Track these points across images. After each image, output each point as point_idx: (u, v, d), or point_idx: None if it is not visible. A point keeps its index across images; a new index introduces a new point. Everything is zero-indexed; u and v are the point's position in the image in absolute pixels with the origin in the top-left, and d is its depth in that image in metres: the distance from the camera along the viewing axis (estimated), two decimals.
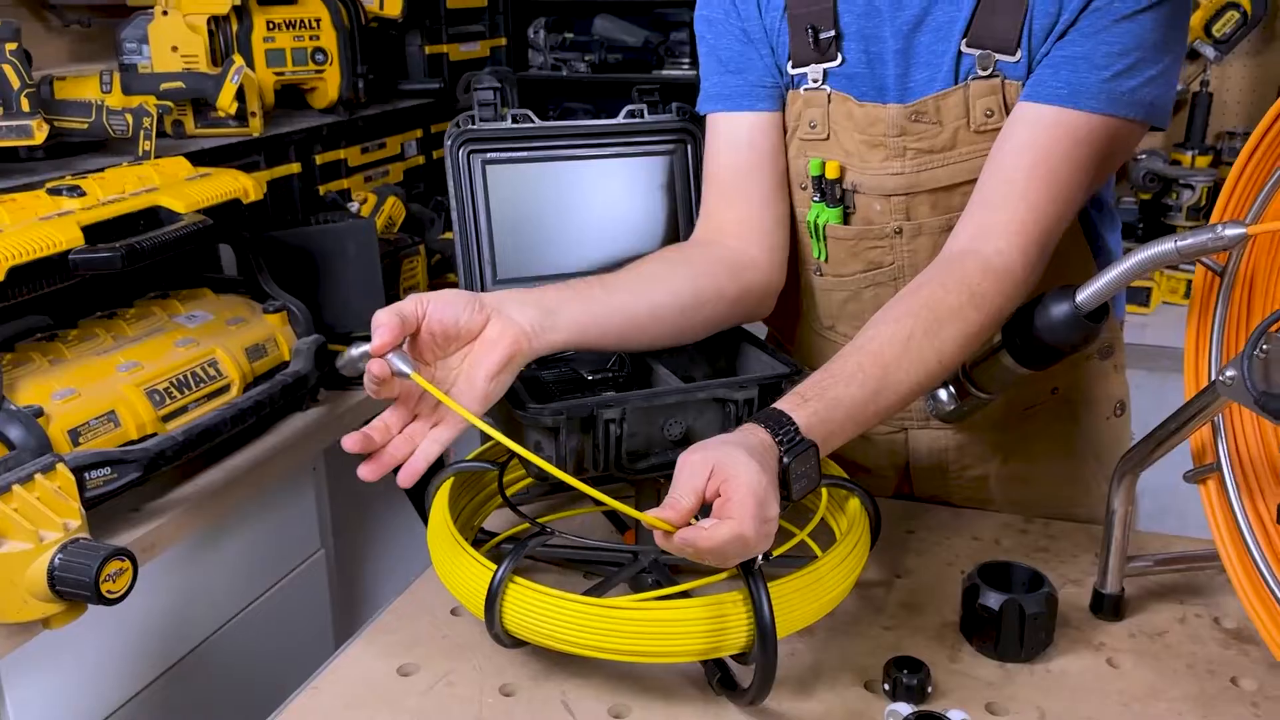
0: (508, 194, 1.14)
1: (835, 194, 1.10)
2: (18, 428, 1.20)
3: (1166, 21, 0.96)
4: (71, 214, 1.32)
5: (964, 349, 0.95)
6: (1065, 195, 0.98)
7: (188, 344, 1.47)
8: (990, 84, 1.01)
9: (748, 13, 1.10)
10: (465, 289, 1.08)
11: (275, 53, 2.00)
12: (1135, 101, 0.97)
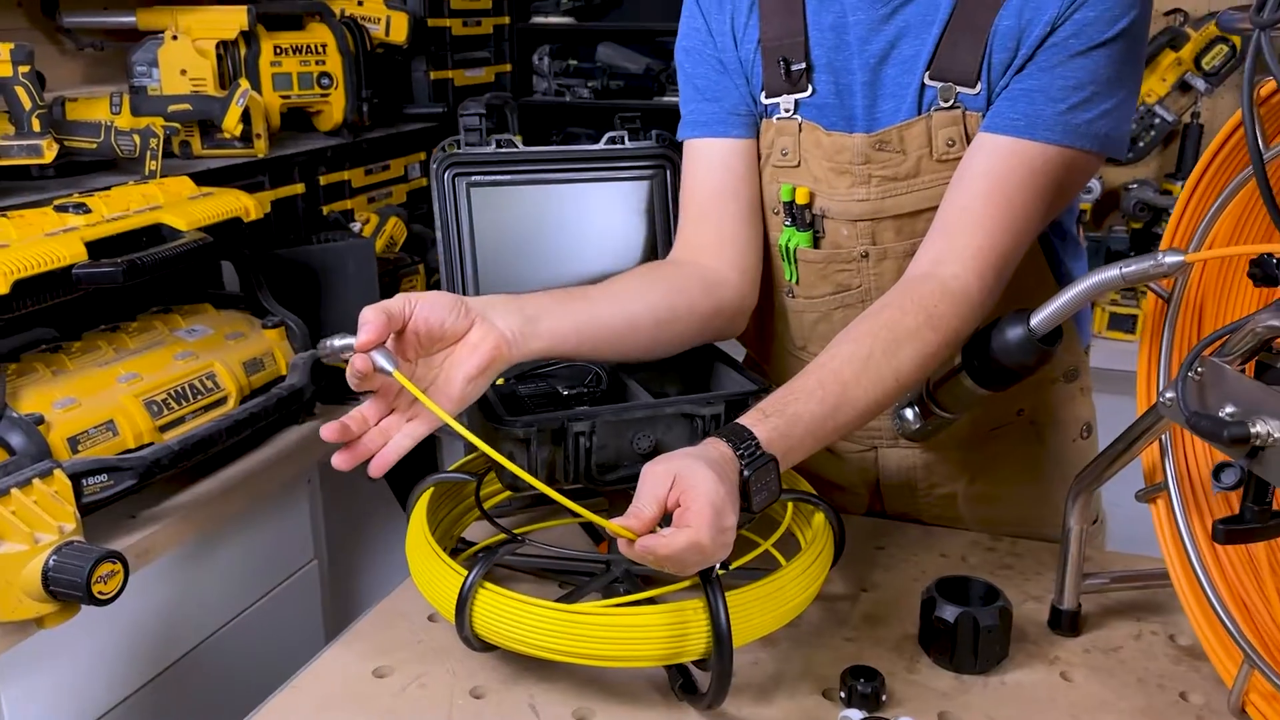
0: (491, 215, 1.18)
1: (805, 219, 1.14)
2: (18, 435, 1.24)
3: (1120, 57, 1.00)
4: (76, 230, 1.37)
5: (921, 369, 0.99)
6: (1021, 222, 1.01)
7: (187, 357, 1.52)
8: (952, 115, 1.05)
9: (724, 44, 1.15)
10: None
11: (282, 76, 2.06)
12: (1090, 133, 1.01)
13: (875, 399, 0.97)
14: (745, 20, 1.14)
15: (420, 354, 0.92)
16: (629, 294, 1.06)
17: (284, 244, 1.90)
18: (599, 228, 1.22)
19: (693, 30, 1.18)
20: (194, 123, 1.87)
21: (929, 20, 1.05)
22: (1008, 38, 1.01)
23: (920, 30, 1.05)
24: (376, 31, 2.31)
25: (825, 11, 1.09)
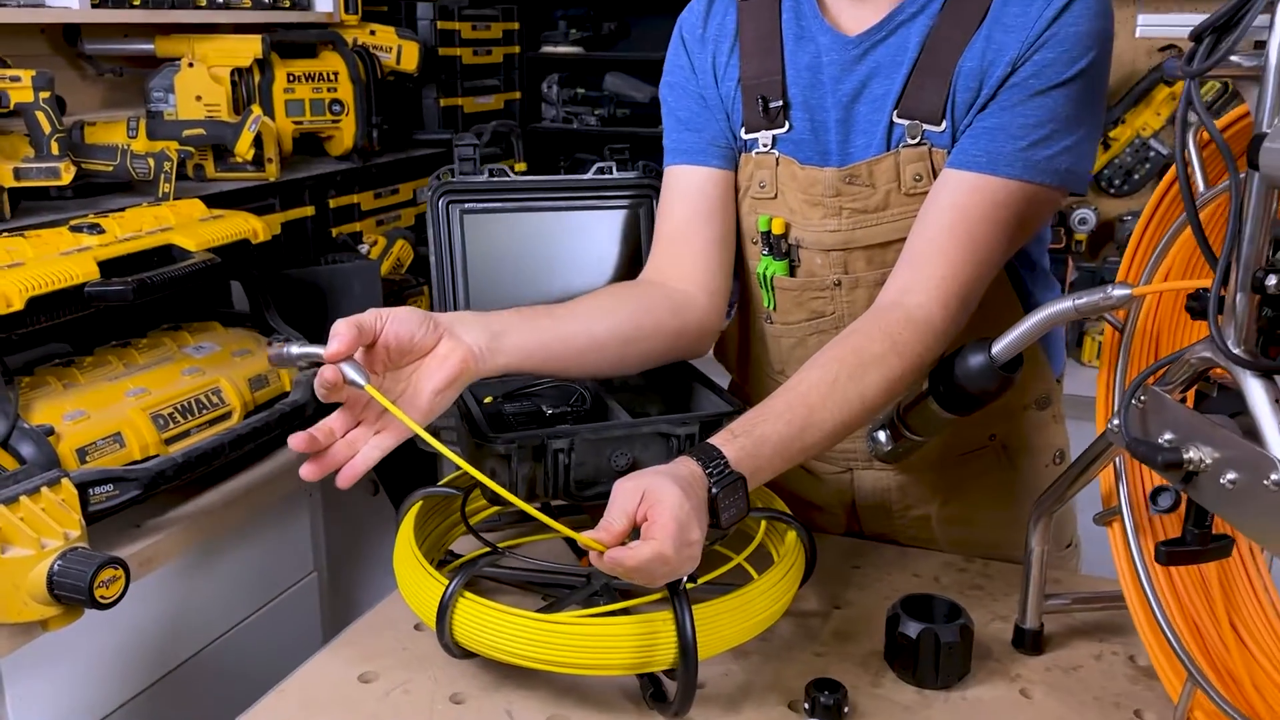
0: (483, 241, 1.23)
1: (781, 248, 1.19)
2: (29, 444, 1.30)
3: (1079, 97, 1.05)
4: (90, 250, 1.43)
5: (886, 393, 1.03)
6: (984, 254, 1.06)
7: (194, 373, 1.57)
8: (919, 151, 1.09)
9: (705, 81, 1.20)
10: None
11: (295, 103, 2.13)
12: (1050, 169, 1.05)
13: (841, 421, 1.01)
14: (726, 59, 1.19)
15: (389, 367, 0.95)
16: (595, 312, 1.10)
17: (293, 264, 1.96)
18: (586, 254, 1.27)
19: (677, 67, 1.24)
20: (208, 146, 1.93)
21: (898, 61, 1.10)
22: (971, 78, 1.06)
23: (890, 71, 1.10)
24: (388, 60, 2.38)
25: (801, 52, 1.15)
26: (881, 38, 1.11)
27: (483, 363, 0.98)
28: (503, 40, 2.79)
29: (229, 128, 1.90)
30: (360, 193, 2.31)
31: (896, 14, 1.10)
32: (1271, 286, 0.72)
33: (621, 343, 1.10)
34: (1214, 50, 0.73)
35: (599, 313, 1.10)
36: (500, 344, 0.99)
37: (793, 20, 1.16)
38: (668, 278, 1.18)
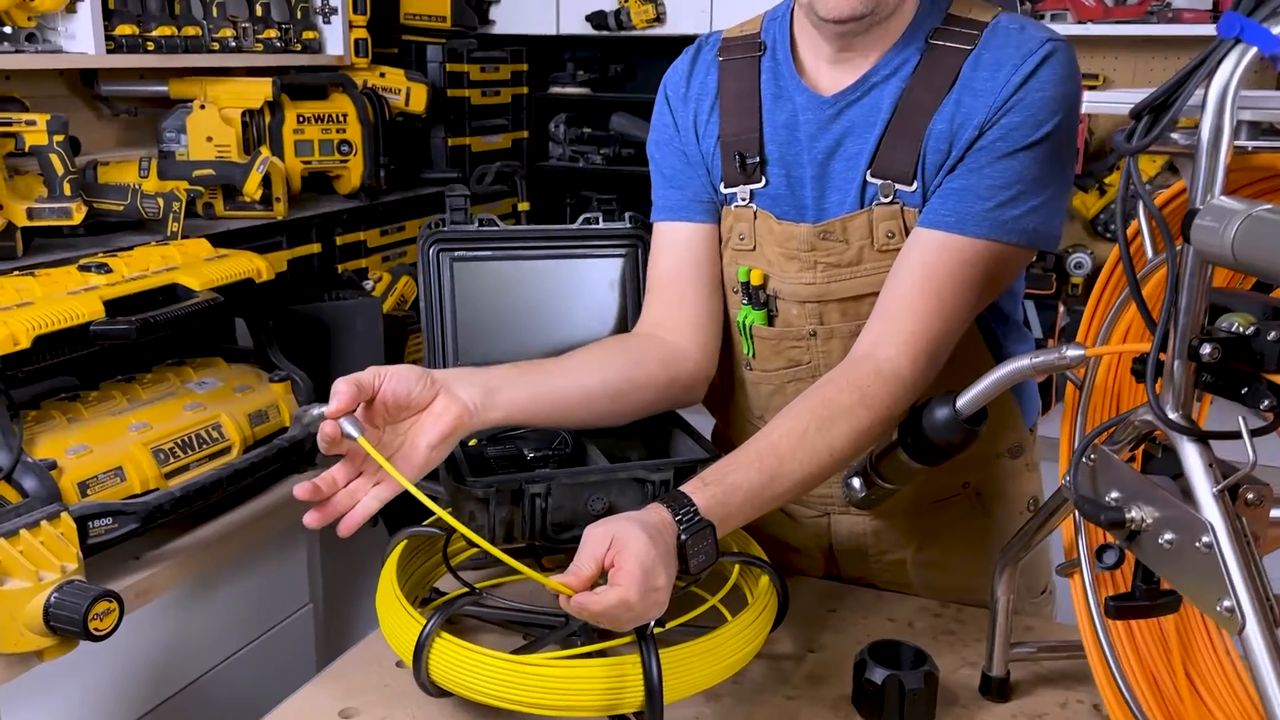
0: (472, 289, 1.27)
1: (760, 298, 1.22)
2: (32, 478, 1.34)
3: (1045, 159, 1.08)
4: (96, 289, 1.48)
5: (854, 444, 1.06)
6: (952, 310, 1.09)
7: (195, 408, 1.62)
8: (891, 209, 1.13)
9: (687, 139, 1.24)
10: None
11: (304, 143, 2.18)
12: (1017, 229, 1.09)
13: (810, 471, 1.04)
14: (707, 118, 1.23)
15: (388, 421, 1.00)
16: (586, 367, 1.14)
17: (298, 300, 2.01)
18: (573, 302, 1.31)
19: (662, 125, 1.28)
20: (217, 186, 1.99)
21: (871, 122, 1.13)
22: (941, 140, 1.10)
23: (863, 130, 1.14)
24: (396, 101, 2.44)
25: (779, 110, 1.19)
26: (856, 98, 1.15)
27: (477, 418, 1.02)
28: (511, 81, 2.85)
29: (238, 168, 1.96)
30: (367, 230, 2.37)
31: (870, 76, 1.14)
32: (1206, 355, 0.75)
33: (612, 396, 1.14)
34: (1152, 128, 0.76)
35: (591, 367, 1.14)
36: (494, 400, 1.03)
37: (771, 80, 1.20)
38: (660, 330, 1.22)
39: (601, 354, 1.18)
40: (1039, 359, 0.96)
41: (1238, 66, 0.72)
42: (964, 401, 1.05)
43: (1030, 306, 2.29)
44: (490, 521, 1.07)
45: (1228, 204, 0.71)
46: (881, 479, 1.17)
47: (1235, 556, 0.72)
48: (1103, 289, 1.00)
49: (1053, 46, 1.09)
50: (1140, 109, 0.77)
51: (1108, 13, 2.43)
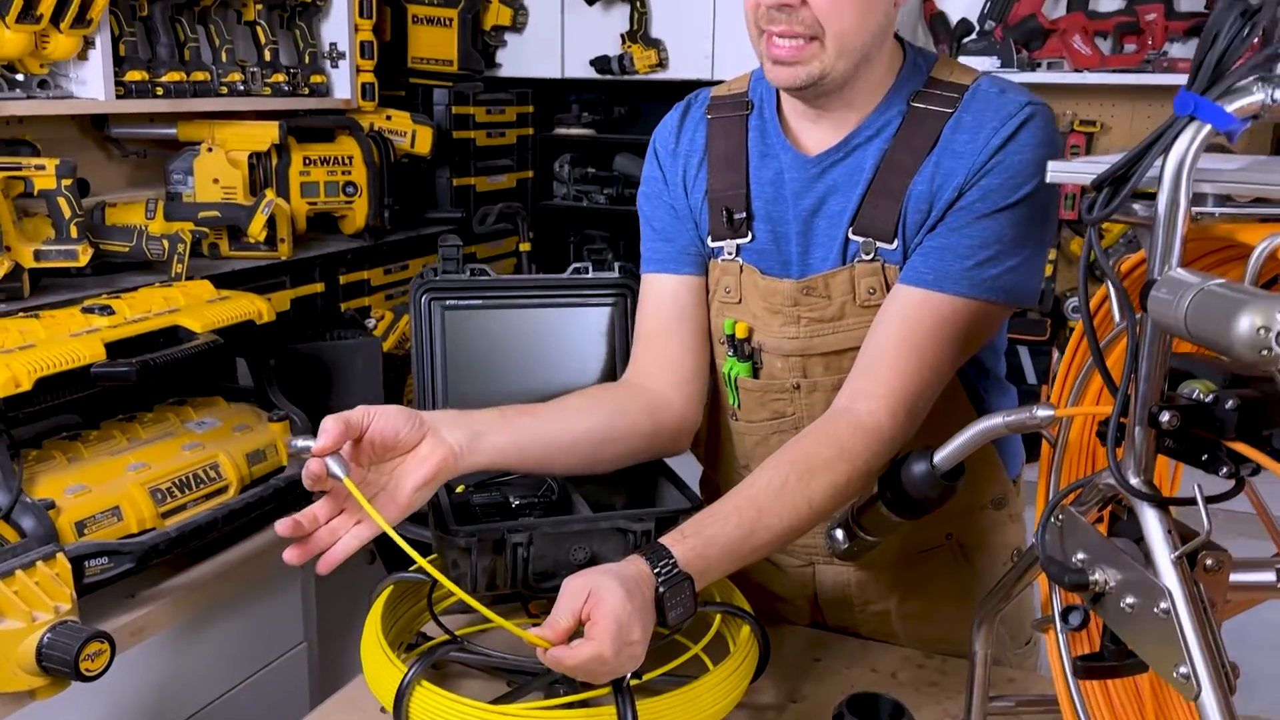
0: (463, 337, 1.30)
1: (745, 351, 1.24)
2: (30, 518, 1.37)
3: (1024, 219, 1.10)
4: (98, 331, 1.51)
5: (833, 498, 1.07)
6: (931, 365, 1.10)
7: (194, 448, 1.64)
8: (872, 266, 1.15)
9: (676, 194, 1.27)
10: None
11: (310, 185, 2.22)
12: (995, 287, 1.10)
13: (789, 524, 1.06)
14: (695, 173, 1.25)
15: (374, 461, 1.02)
16: (571, 414, 1.16)
17: (300, 339, 2.04)
18: (562, 350, 1.33)
19: (652, 179, 1.30)
20: (223, 227, 2.03)
21: (854, 181, 1.16)
22: (921, 201, 1.12)
23: (847, 189, 1.16)
24: (402, 144, 2.48)
25: (765, 168, 1.21)
26: (839, 158, 1.17)
27: (461, 461, 1.04)
28: (516, 123, 2.89)
29: (243, 210, 1.99)
30: (370, 269, 2.40)
31: (853, 137, 1.16)
32: (1165, 422, 0.76)
33: (596, 444, 1.16)
34: (1112, 200, 0.78)
35: (575, 415, 1.16)
36: (479, 444, 1.05)
37: (758, 138, 1.23)
38: (646, 379, 1.24)
39: (586, 402, 1.20)
40: (1011, 418, 0.97)
41: (1192, 143, 0.74)
42: (941, 457, 1.06)
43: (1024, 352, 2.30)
44: (473, 570, 1.09)
45: (1183, 276, 0.72)
46: (863, 531, 1.18)
47: (1192, 623, 0.73)
48: (1075, 349, 1.01)
49: (1031, 110, 1.11)
50: (1101, 180, 0.79)
51: (1104, 61, 2.46)
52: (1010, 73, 2.49)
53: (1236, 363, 0.74)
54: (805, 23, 1.06)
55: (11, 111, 1.75)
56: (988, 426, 1.00)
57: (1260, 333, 0.64)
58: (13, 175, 1.65)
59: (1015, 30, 2.52)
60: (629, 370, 1.28)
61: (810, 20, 1.06)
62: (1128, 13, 2.47)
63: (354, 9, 2.43)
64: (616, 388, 1.26)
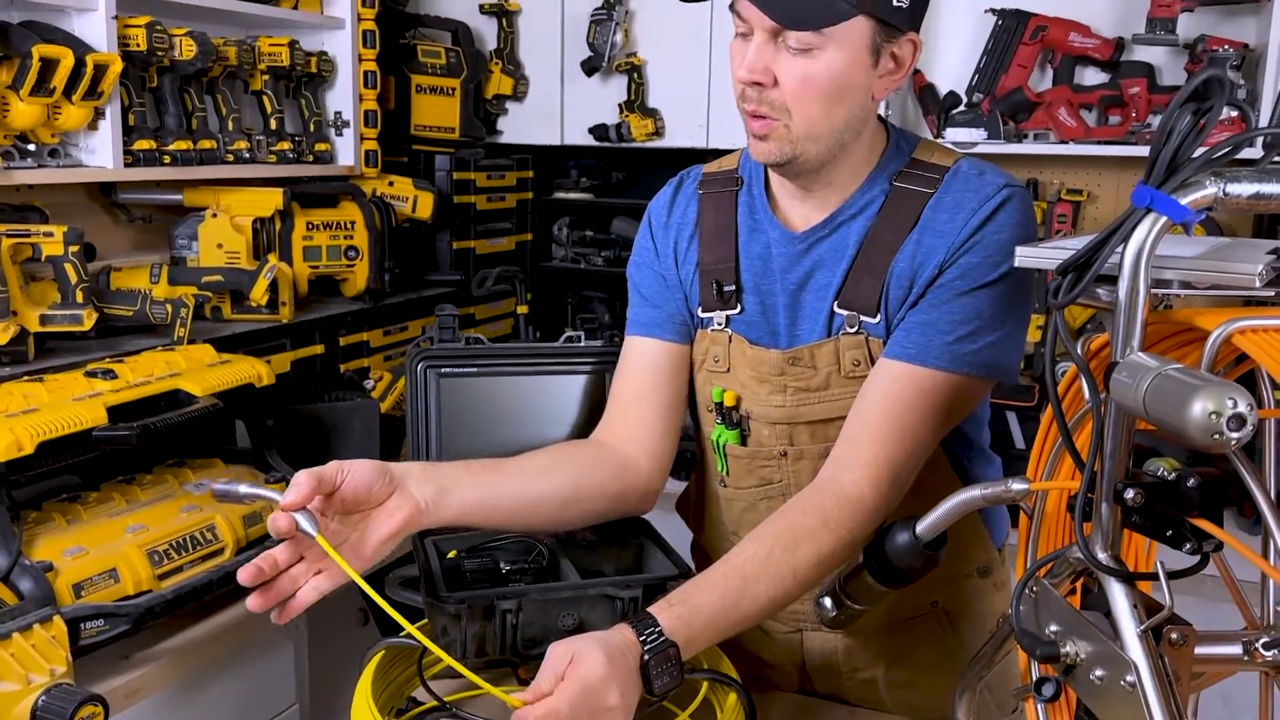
0: (457, 403, 1.33)
1: (733, 419, 1.27)
2: (28, 581, 1.39)
3: (1003, 297, 1.14)
4: (100, 395, 1.55)
5: (818, 567, 1.10)
6: (913, 436, 1.13)
7: (191, 510, 1.66)
8: (856, 339, 1.18)
9: (666, 264, 1.31)
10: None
11: (312, 249, 2.27)
12: (976, 362, 1.14)
13: (774, 594, 1.08)
14: (687, 246, 1.30)
15: (341, 513, 1.04)
16: (540, 472, 1.19)
17: (299, 400, 2.07)
18: (553, 415, 1.37)
19: (644, 249, 1.35)
20: (225, 291, 2.07)
21: (839, 256, 1.20)
22: (903, 277, 1.16)
23: (832, 264, 1.20)
24: (403, 208, 2.54)
25: (754, 243, 1.25)
26: (825, 234, 1.21)
27: (427, 516, 1.07)
28: (516, 187, 2.95)
29: (246, 275, 2.04)
30: (370, 330, 2.44)
31: (838, 214, 1.21)
32: (1129, 499, 0.79)
33: (562, 502, 1.19)
34: (1075, 285, 0.81)
35: (542, 473, 1.19)
36: (445, 499, 1.08)
37: (747, 214, 1.27)
38: (616, 439, 1.27)
39: (555, 460, 1.23)
40: (989, 490, 1.00)
41: (1149, 233, 0.77)
42: (923, 527, 1.08)
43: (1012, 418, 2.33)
44: (463, 636, 1.11)
45: (1143, 361, 0.76)
46: (850, 600, 1.20)
47: (1156, 696, 0.75)
48: (1048, 424, 1.04)
49: (1009, 192, 1.15)
50: (1065, 267, 0.83)
51: (1089, 133, 2.53)
52: (997, 144, 2.55)
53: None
54: (774, 104, 1.11)
55: (24, 180, 1.80)
56: (967, 498, 1.02)
57: (1212, 418, 0.67)
58: (21, 241, 1.70)
59: (1002, 102, 2.59)
60: (601, 428, 1.30)
61: (779, 102, 1.11)
62: (1111, 86, 2.54)
63: (359, 80, 2.50)
64: (586, 446, 1.28)
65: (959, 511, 1.06)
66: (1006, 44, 2.62)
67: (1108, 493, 0.81)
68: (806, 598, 1.24)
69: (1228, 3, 2.42)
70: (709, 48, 2.76)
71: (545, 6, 2.92)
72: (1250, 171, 0.76)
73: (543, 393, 1.36)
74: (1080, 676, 0.83)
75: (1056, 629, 0.87)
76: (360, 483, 1.03)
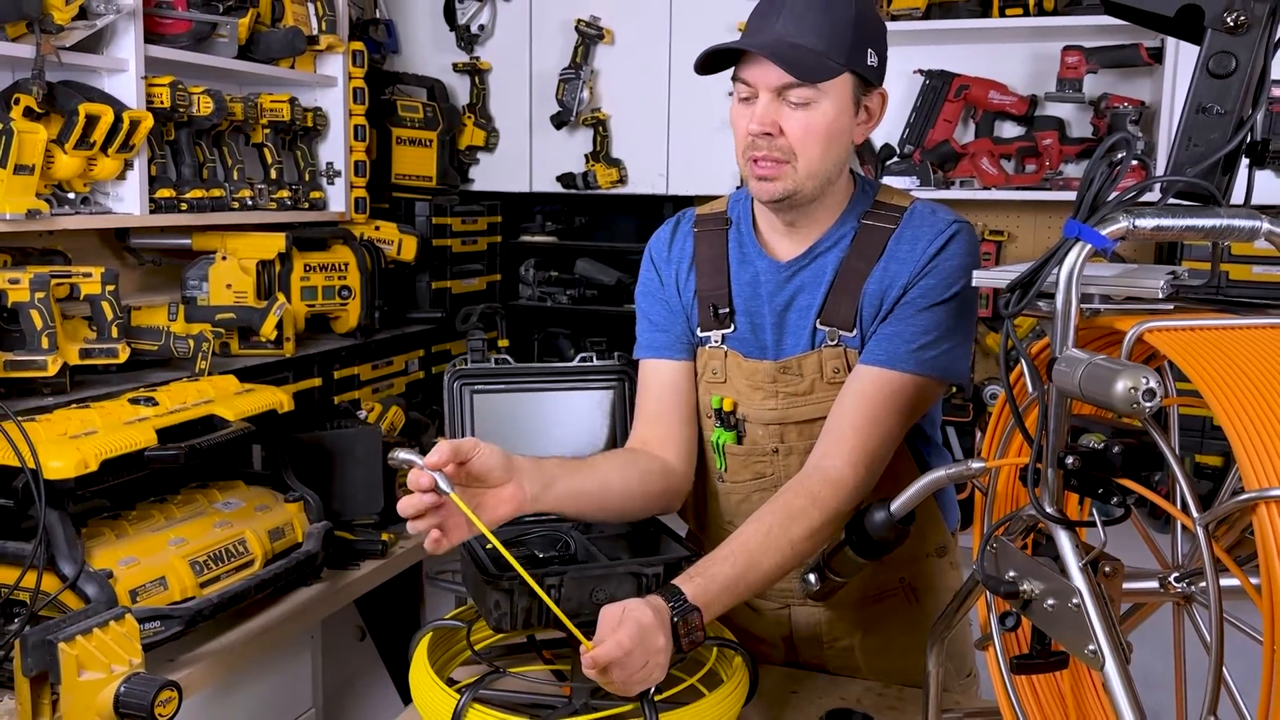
0: (489, 416, 1.52)
1: (730, 422, 1.48)
2: (94, 586, 1.53)
3: (955, 312, 1.38)
4: (148, 420, 1.70)
5: (810, 539, 1.31)
6: (884, 428, 1.36)
7: (223, 525, 1.81)
8: (836, 350, 1.41)
9: (670, 292, 1.52)
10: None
11: (309, 289, 2.44)
12: (935, 366, 1.37)
13: (776, 563, 1.29)
14: (686, 276, 1.51)
15: (462, 484, 1.20)
16: (611, 472, 1.39)
17: (303, 429, 2.22)
18: (572, 425, 1.56)
19: (649, 279, 1.56)
20: (235, 328, 2.22)
21: (819, 281, 1.43)
22: (874, 297, 1.39)
23: (813, 288, 1.43)
24: (390, 251, 2.72)
25: (743, 271, 1.48)
26: (806, 264, 1.44)
27: (529, 506, 1.26)
28: (487, 231, 3.16)
29: (256, 312, 2.20)
30: (360, 365, 2.60)
31: (816, 247, 1.44)
32: (1069, 464, 1.02)
33: (626, 498, 1.40)
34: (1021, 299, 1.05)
35: (614, 473, 1.39)
36: (546, 494, 1.28)
37: (736, 248, 1.49)
38: (649, 447, 1.48)
39: (623, 463, 1.43)
40: (952, 470, 1.22)
41: (1078, 258, 1.01)
42: (896, 505, 1.30)
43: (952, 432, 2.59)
44: (513, 609, 1.29)
45: (1076, 355, 0.98)
46: (833, 573, 1.41)
47: (1097, 612, 0.97)
48: (999, 415, 1.27)
49: (958, 227, 1.40)
50: (1014, 285, 1.06)
51: (1009, 180, 2.82)
52: (928, 190, 2.83)
53: (1118, 418, 1.01)
54: (781, 149, 1.34)
55: (62, 226, 1.95)
56: (934, 478, 1.25)
57: (1131, 391, 0.90)
58: (61, 281, 1.84)
59: (931, 154, 2.87)
60: (635, 438, 1.50)
61: (786, 147, 1.33)
62: (1027, 139, 2.85)
63: (349, 134, 2.69)
64: (639, 454, 1.48)
65: (927, 490, 1.28)
66: (933, 101, 2.91)
67: (1052, 460, 1.04)
68: (793, 577, 1.45)
69: (1126, 66, 2.74)
70: (667, 104, 3.01)
71: (514, 65, 3.15)
72: (1152, 209, 1.00)
73: (562, 406, 1.56)
74: (1035, 608, 1.05)
75: (1014, 574, 1.09)
76: (486, 464, 1.21)
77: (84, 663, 1.37)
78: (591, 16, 3.03)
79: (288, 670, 1.96)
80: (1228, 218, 1.01)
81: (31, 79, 1.78)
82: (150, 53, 2.09)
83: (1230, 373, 0.89)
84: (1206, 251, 2.45)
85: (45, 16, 1.78)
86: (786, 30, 1.30)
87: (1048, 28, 2.74)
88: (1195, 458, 2.53)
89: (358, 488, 2.15)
